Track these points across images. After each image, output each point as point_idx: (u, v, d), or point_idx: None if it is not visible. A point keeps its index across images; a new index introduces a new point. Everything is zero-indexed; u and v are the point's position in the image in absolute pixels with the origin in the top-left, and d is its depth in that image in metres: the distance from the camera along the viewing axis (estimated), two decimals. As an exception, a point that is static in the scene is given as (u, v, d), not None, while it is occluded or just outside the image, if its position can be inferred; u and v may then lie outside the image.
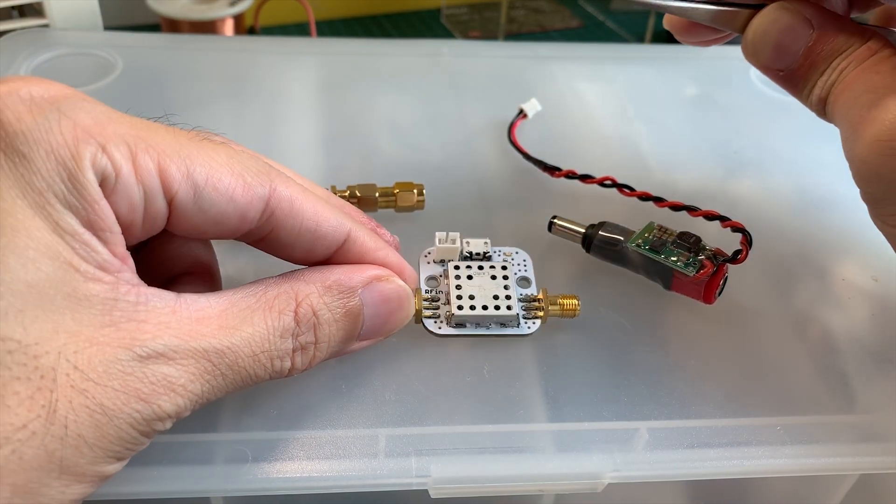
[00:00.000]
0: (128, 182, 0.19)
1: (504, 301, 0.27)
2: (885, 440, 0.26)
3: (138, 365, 0.19)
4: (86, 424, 0.18)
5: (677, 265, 0.28)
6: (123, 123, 0.20)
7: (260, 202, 0.22)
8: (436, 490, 0.24)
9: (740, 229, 0.28)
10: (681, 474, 0.25)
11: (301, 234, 0.23)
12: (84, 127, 0.19)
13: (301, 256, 0.24)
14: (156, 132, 0.20)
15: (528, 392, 0.26)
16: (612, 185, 0.31)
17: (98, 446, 0.18)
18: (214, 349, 0.20)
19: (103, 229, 0.19)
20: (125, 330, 0.19)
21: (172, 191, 0.20)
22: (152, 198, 0.20)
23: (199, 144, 0.21)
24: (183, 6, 0.62)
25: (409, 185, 0.33)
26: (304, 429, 0.24)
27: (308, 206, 0.23)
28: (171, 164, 0.20)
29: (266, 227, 0.22)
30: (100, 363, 0.18)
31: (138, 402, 0.19)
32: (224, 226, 0.22)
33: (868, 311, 0.30)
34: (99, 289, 0.19)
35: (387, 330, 0.25)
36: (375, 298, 0.24)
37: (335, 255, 0.24)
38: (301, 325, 0.22)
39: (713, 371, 0.28)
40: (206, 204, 0.21)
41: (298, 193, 0.22)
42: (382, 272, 0.24)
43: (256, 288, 0.22)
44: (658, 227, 0.29)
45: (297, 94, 0.41)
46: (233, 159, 0.21)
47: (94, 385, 0.18)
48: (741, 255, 0.28)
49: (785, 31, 0.25)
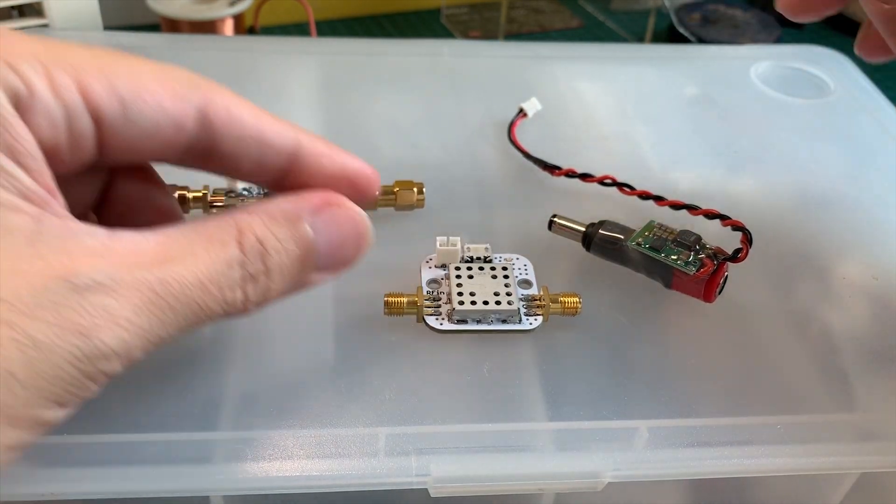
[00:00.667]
0: (44, 99, 0.18)
1: (505, 297, 0.27)
2: (885, 439, 0.26)
3: (74, 296, 0.17)
4: (15, 360, 0.16)
5: (678, 264, 0.28)
6: (36, 42, 0.19)
7: (192, 110, 0.20)
8: (436, 489, 0.24)
9: (740, 228, 0.28)
10: (681, 473, 0.25)
11: (244, 142, 0.21)
12: None
13: (250, 169, 0.22)
14: (72, 49, 0.19)
15: (528, 391, 0.26)
16: (612, 184, 0.31)
17: (33, 386, 0.16)
18: (157, 279, 0.18)
19: (22, 153, 0.18)
20: (55, 262, 0.17)
21: (96, 105, 0.19)
22: (75, 116, 0.19)
23: (120, 58, 0.20)
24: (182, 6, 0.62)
25: (409, 184, 0.33)
26: (303, 427, 0.24)
27: (247, 113, 0.21)
28: (92, 79, 0.19)
29: (206, 140, 0.21)
30: (28, 294, 0.16)
31: (77, 337, 0.17)
32: (159, 139, 0.20)
33: (868, 309, 0.30)
34: (21, 220, 0.17)
35: (345, 259, 0.23)
36: (327, 226, 0.22)
37: (291, 174, 0.23)
38: (248, 255, 0.20)
39: (713, 370, 0.28)
40: (134, 115, 0.19)
41: (235, 100, 0.21)
42: (334, 198, 0.22)
43: (194, 223, 0.20)
44: (658, 225, 0.29)
45: (297, 94, 0.41)
46: (159, 71, 0.20)
47: (23, 316, 0.16)
48: (741, 254, 0.28)
49: None
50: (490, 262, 0.29)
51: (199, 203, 0.31)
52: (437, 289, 0.28)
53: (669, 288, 0.29)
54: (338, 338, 0.28)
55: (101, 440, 0.23)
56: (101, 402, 0.25)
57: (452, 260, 0.29)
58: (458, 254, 0.29)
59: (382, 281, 0.29)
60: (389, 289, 0.28)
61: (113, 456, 0.23)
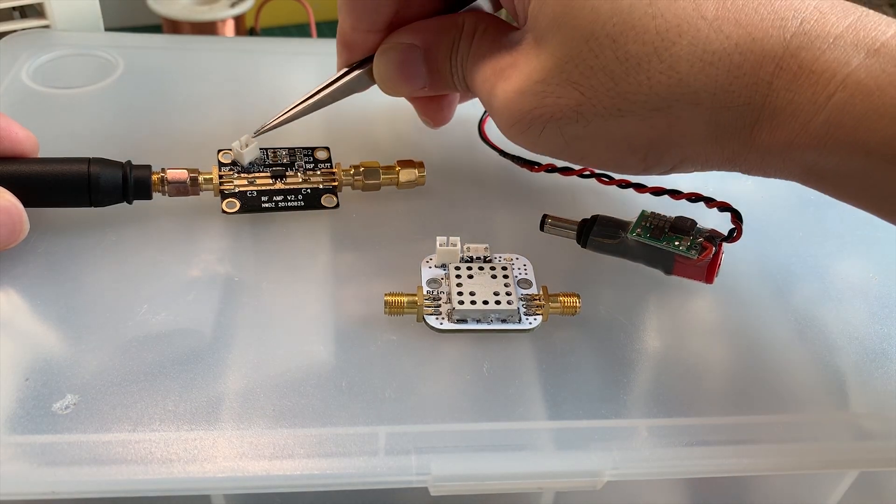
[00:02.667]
0: None
1: (505, 297, 0.27)
2: (883, 438, 0.26)
3: None
4: None
5: (679, 250, 0.28)
6: None
7: None
8: (436, 488, 0.24)
9: (728, 208, 0.29)
10: (680, 472, 0.25)
11: None
12: None
13: None
14: None
15: (527, 390, 0.26)
16: (590, 176, 0.31)
17: None
18: None
19: None
20: None
21: None
22: None
23: None
24: (184, 7, 0.62)
25: (410, 162, 0.34)
26: (304, 426, 0.24)
27: None
28: None
29: None
30: None
31: None
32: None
33: (867, 309, 0.30)
34: None
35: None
36: None
37: None
38: None
39: (712, 369, 0.28)
40: None
41: None
42: None
43: None
44: (651, 214, 0.30)
45: (297, 94, 0.41)
46: None
47: None
48: (736, 234, 0.28)
49: (399, 64, 0.29)
50: (490, 261, 0.29)
51: (209, 185, 0.31)
52: (437, 288, 0.28)
53: (670, 274, 0.29)
54: (338, 337, 0.28)
55: (101, 440, 0.23)
56: (101, 402, 0.25)
57: (452, 260, 0.29)
58: (457, 254, 0.29)
59: (382, 281, 0.30)
60: (389, 288, 0.28)
61: (113, 456, 0.23)
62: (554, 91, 0.24)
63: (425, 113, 0.33)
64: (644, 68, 0.22)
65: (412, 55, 0.28)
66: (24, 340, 0.27)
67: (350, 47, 0.30)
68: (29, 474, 0.22)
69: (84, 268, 0.29)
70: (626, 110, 0.23)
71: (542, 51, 0.24)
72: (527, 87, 0.25)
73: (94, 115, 0.38)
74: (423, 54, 0.28)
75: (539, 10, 0.24)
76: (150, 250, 0.30)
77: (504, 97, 0.25)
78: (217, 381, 0.26)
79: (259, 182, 0.32)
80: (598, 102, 0.23)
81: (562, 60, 0.24)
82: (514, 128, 0.26)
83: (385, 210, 0.34)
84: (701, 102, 0.23)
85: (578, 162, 0.27)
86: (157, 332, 0.27)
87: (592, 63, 0.23)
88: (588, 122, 0.24)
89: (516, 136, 0.26)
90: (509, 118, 0.25)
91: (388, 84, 0.30)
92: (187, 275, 0.29)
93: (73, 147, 0.32)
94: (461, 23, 0.28)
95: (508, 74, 0.25)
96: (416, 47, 0.28)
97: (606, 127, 0.24)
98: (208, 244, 0.31)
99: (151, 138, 0.36)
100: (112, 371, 0.26)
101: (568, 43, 0.23)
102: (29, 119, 0.31)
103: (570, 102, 0.24)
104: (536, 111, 0.25)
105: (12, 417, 0.24)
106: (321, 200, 0.32)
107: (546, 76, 0.24)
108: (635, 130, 0.24)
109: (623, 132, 0.24)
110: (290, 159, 0.33)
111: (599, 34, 0.23)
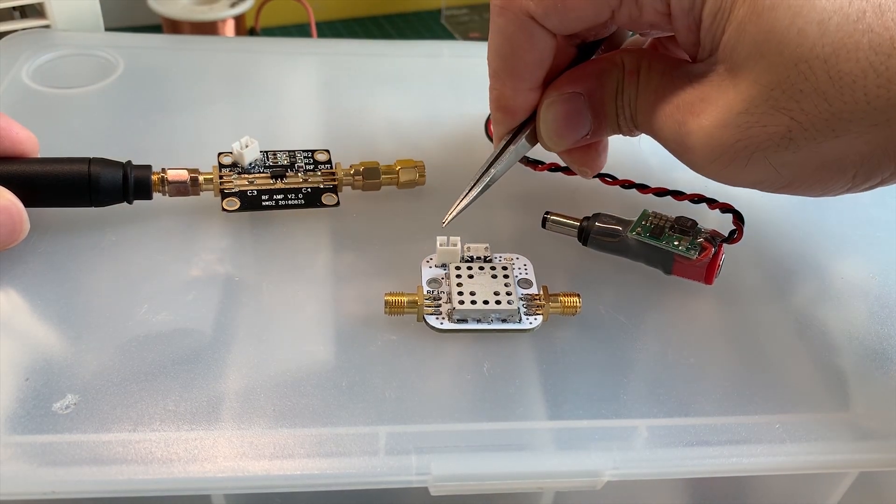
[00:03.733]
0: None
1: (505, 297, 0.27)
2: (883, 438, 0.26)
3: None
4: None
5: (679, 250, 0.28)
6: None
7: None
8: (436, 487, 0.24)
9: (729, 209, 0.29)
10: (680, 472, 0.25)
11: None
12: None
13: None
14: None
15: (527, 390, 0.26)
16: (594, 176, 0.31)
17: None
18: None
19: None
20: None
21: None
22: None
23: None
24: (184, 7, 0.62)
25: (410, 162, 0.34)
26: (304, 426, 0.25)
27: None
28: None
29: None
30: None
31: None
32: None
33: (867, 309, 0.30)
34: None
35: None
36: None
37: None
38: None
39: (712, 369, 0.28)
40: None
41: None
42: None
43: None
44: (653, 213, 0.30)
45: (297, 94, 0.41)
46: None
47: None
48: (737, 235, 0.28)
49: (566, 114, 0.27)
50: (490, 261, 0.29)
51: (209, 185, 0.31)
52: (438, 288, 0.28)
53: (669, 274, 0.29)
54: (338, 337, 0.28)
55: (102, 440, 0.23)
56: (101, 402, 0.25)
57: (452, 259, 0.29)
58: (458, 253, 0.29)
59: (383, 280, 0.30)
60: (389, 288, 0.28)
61: (113, 456, 0.23)
62: (759, 120, 0.23)
63: (583, 163, 0.30)
64: (860, 85, 0.22)
65: (578, 103, 0.27)
66: (24, 340, 0.27)
67: (512, 112, 0.29)
68: (29, 474, 0.22)
69: (84, 268, 0.29)
70: (841, 130, 0.22)
71: (740, 80, 0.23)
72: (728, 119, 0.24)
73: (94, 115, 0.38)
74: (587, 101, 0.27)
75: (737, 39, 0.23)
76: (150, 250, 0.30)
77: (702, 133, 0.24)
78: (217, 380, 0.26)
79: (259, 182, 0.32)
80: (810, 126, 0.23)
81: (767, 87, 0.23)
82: (717, 162, 0.24)
83: (385, 210, 0.34)
84: None
85: (782, 191, 0.26)
86: (157, 332, 0.27)
87: (803, 86, 0.22)
88: (799, 147, 0.23)
89: (718, 170, 0.25)
90: (711, 153, 0.24)
91: (556, 137, 0.28)
92: (187, 274, 0.29)
93: (73, 147, 0.32)
94: (620, 62, 0.27)
95: (700, 109, 0.24)
96: (580, 95, 0.27)
97: (818, 149, 0.23)
98: (208, 244, 0.31)
99: (151, 138, 0.36)
100: (112, 371, 0.26)
101: (774, 69, 0.22)
102: (29, 119, 0.31)
103: (780, 129, 0.23)
104: (741, 143, 0.24)
105: (12, 417, 0.24)
106: (322, 198, 0.32)
107: (749, 106, 0.23)
108: (849, 149, 0.23)
109: (836, 152, 0.23)
110: (290, 161, 0.33)
111: (809, 56, 0.22)
